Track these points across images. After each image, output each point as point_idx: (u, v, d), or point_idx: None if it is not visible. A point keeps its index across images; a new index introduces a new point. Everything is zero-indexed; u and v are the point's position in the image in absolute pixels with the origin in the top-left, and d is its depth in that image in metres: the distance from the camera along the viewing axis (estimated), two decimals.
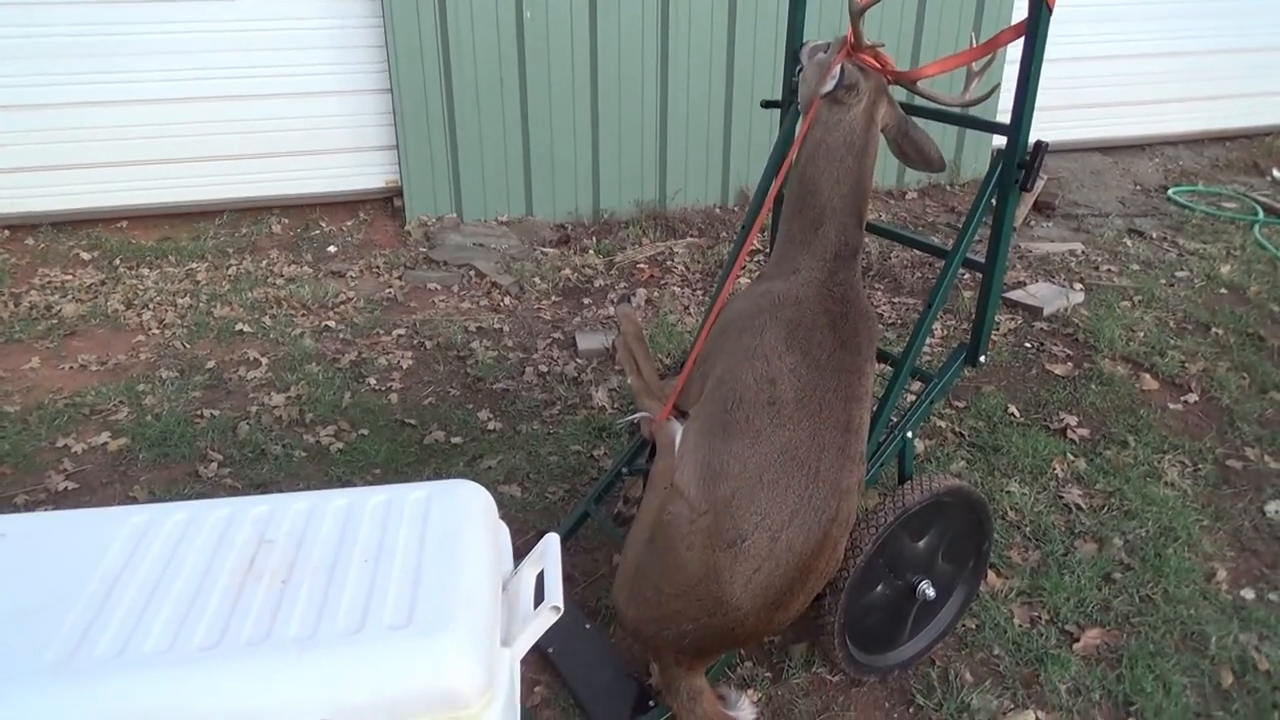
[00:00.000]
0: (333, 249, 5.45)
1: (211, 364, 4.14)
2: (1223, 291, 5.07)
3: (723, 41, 5.86)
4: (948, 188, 6.64)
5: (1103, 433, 3.77)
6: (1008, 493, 3.36)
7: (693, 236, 5.75)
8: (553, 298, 4.92)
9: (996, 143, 6.81)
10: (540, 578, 1.82)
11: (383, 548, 1.76)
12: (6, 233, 5.42)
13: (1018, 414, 3.88)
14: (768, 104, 2.90)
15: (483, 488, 1.98)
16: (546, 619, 1.73)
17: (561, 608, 1.71)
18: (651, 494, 2.27)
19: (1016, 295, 4.89)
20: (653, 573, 2.17)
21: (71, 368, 4.10)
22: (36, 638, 1.51)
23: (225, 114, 5.57)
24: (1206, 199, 6.55)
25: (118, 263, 5.12)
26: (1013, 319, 4.72)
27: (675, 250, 5.51)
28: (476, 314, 4.72)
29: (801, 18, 2.75)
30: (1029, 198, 6.14)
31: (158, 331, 4.42)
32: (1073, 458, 3.59)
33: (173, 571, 1.68)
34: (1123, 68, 7.21)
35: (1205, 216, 6.20)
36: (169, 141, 5.54)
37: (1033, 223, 6.12)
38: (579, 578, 2.91)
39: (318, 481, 3.37)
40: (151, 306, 4.65)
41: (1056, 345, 4.46)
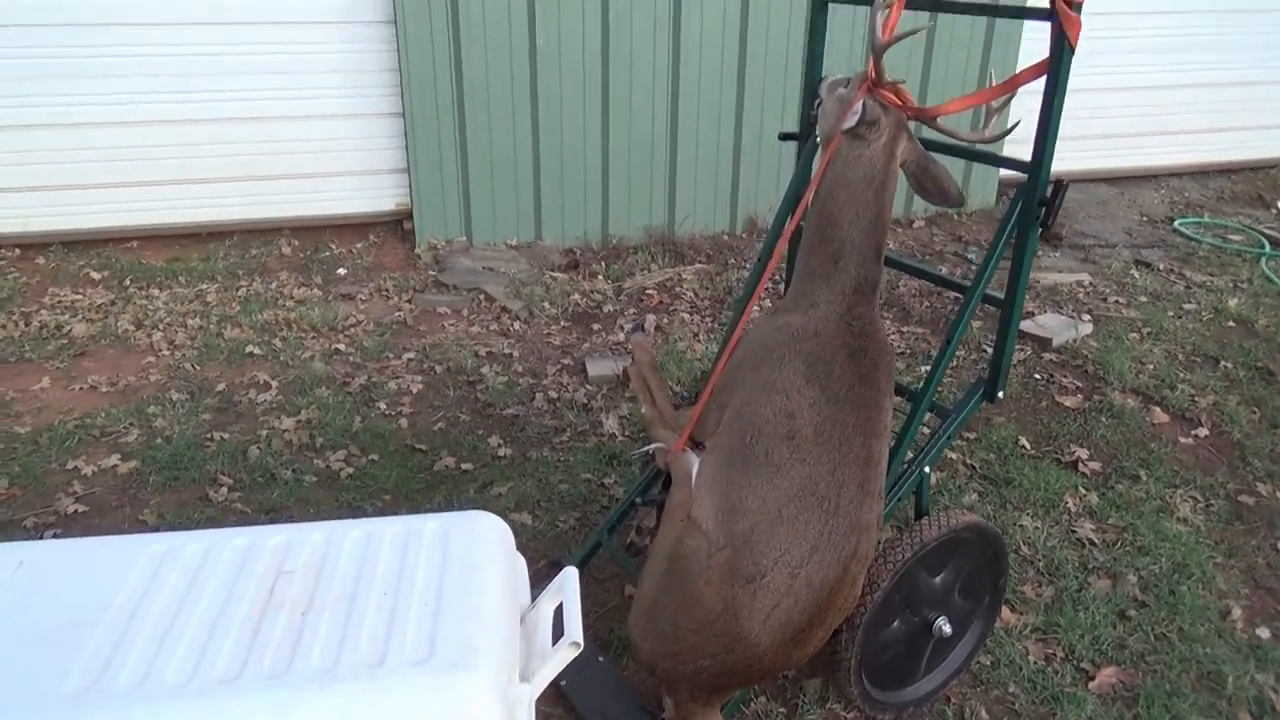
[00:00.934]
0: (342, 271, 5.46)
1: (222, 386, 4.14)
2: (1231, 325, 5.07)
3: (733, 70, 5.90)
4: (955, 217, 6.66)
5: (1114, 466, 3.76)
6: (1020, 526, 3.35)
7: (701, 263, 5.77)
8: (562, 323, 4.92)
9: (1004, 174, 6.85)
10: (558, 611, 1.80)
11: (402, 579, 1.75)
12: (17, 252, 5.43)
13: (1029, 446, 3.87)
14: (785, 136, 2.91)
15: (499, 519, 1.98)
16: (566, 655, 1.71)
17: (581, 644, 1.69)
18: (668, 526, 2.25)
19: (1025, 326, 4.90)
20: (669, 606, 2.15)
21: (82, 388, 4.10)
22: (57, 667, 1.50)
23: (236, 135, 5.61)
24: (1213, 231, 6.57)
25: (128, 283, 5.13)
26: (1022, 349, 4.72)
27: (684, 276, 5.52)
28: (486, 338, 4.72)
29: (820, 51, 2.77)
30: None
31: (168, 352, 4.43)
32: (1085, 491, 3.58)
33: (192, 601, 1.67)
34: (1129, 100, 7.26)
35: (1212, 249, 6.22)
36: (180, 162, 5.57)
37: (1040, 253, 6.14)
38: (591, 608, 2.89)
39: (328, 507, 3.36)
40: (161, 327, 4.66)
41: (1066, 377, 4.46)
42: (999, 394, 2.56)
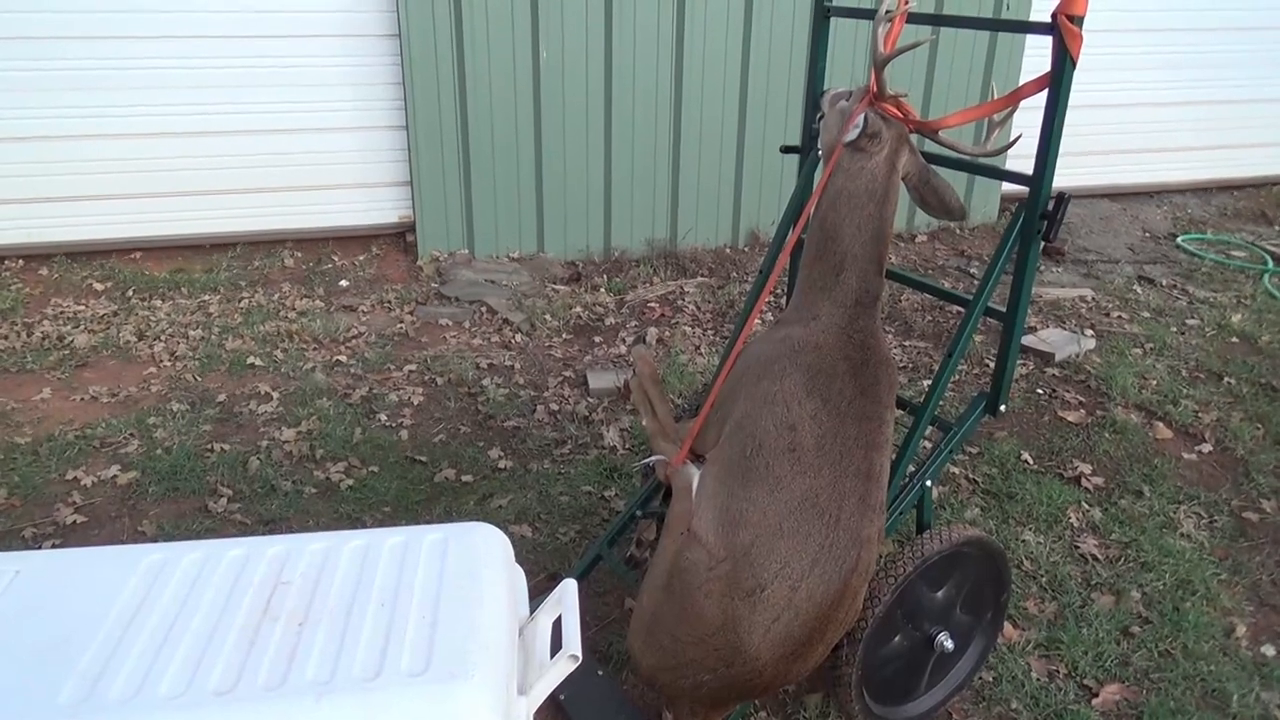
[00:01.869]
0: (344, 283, 5.46)
1: (222, 397, 4.14)
2: (1234, 341, 5.06)
3: (735, 84, 5.92)
4: (957, 231, 6.66)
5: (1117, 482, 3.75)
6: (1023, 542, 3.33)
7: (703, 276, 5.77)
8: (564, 335, 4.92)
9: (1006, 189, 6.86)
10: (557, 624, 1.79)
11: (400, 590, 1.74)
12: (21, 262, 5.44)
13: (1031, 461, 3.85)
14: (787, 149, 2.92)
15: (499, 530, 1.97)
16: (564, 668, 1.70)
17: (580, 656, 1.68)
18: (668, 539, 2.24)
19: (1028, 341, 4.89)
20: (669, 620, 2.14)
21: (82, 399, 4.10)
22: (51, 677, 1.49)
23: (240, 148, 5.62)
24: (1215, 247, 6.57)
25: (130, 294, 5.14)
26: (1025, 364, 4.71)
27: (686, 289, 5.52)
28: (487, 351, 4.72)
29: (822, 65, 2.77)
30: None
31: (169, 363, 4.43)
32: (1087, 507, 3.56)
33: (188, 612, 1.66)
34: (1132, 116, 7.28)
35: (1215, 265, 6.21)
36: (183, 174, 5.59)
37: (1043, 268, 6.14)
38: (591, 621, 2.88)
39: (328, 519, 3.35)
40: (163, 338, 4.66)
41: (1069, 392, 4.45)
42: (1001, 407, 2.55)
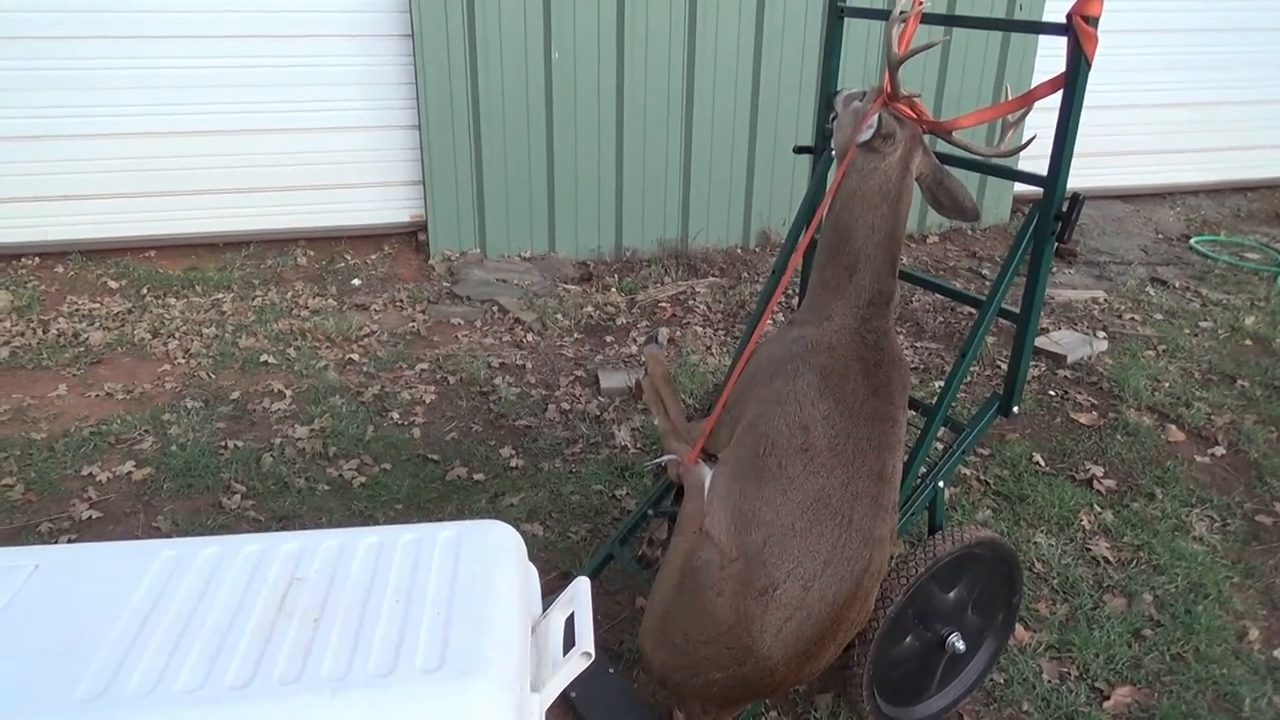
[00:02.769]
0: (357, 282, 5.49)
1: (236, 395, 4.16)
2: (1247, 343, 5.04)
3: (748, 83, 5.92)
4: (969, 232, 6.64)
5: (1129, 484, 3.74)
6: (1034, 544, 3.33)
7: (714, 276, 5.77)
8: (575, 335, 4.93)
9: (1019, 189, 6.84)
10: (570, 621, 1.80)
11: (414, 588, 1.75)
12: (36, 260, 5.48)
13: (1043, 463, 3.84)
14: (800, 149, 2.92)
15: (512, 528, 1.97)
16: (577, 665, 1.71)
17: (592, 654, 1.69)
18: (680, 538, 2.25)
19: (1040, 342, 4.87)
20: (681, 619, 2.15)
21: (98, 396, 4.12)
22: (68, 672, 1.50)
23: (254, 147, 5.65)
24: (1229, 249, 6.54)
25: (145, 292, 5.17)
26: (1037, 366, 4.69)
27: (697, 290, 5.52)
28: (499, 350, 4.73)
29: (836, 65, 2.77)
30: None
31: (183, 361, 4.45)
32: (1100, 509, 3.55)
33: (204, 607, 1.67)
34: (1145, 117, 7.24)
35: (1228, 266, 6.18)
36: (197, 173, 5.62)
37: (1055, 269, 6.12)
38: (602, 620, 2.88)
39: (340, 516, 3.37)
40: (177, 336, 4.69)
41: (1081, 394, 4.43)
42: (1014, 409, 2.55)
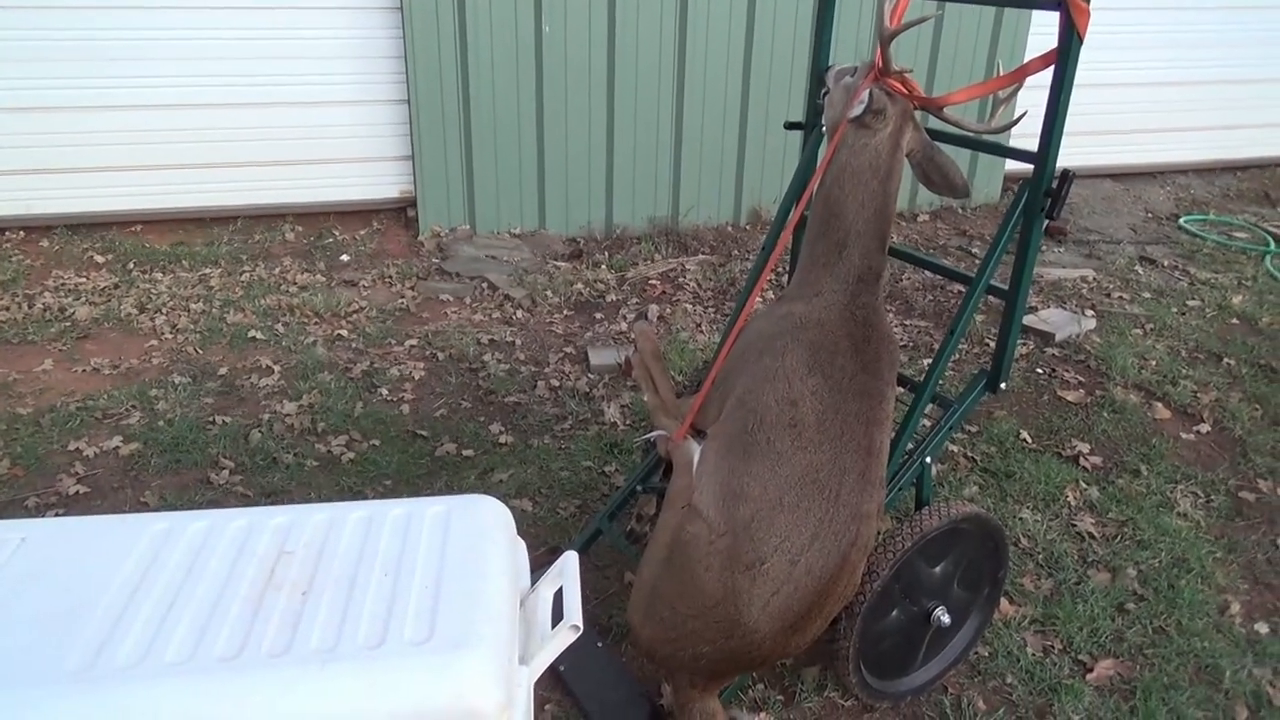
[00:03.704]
0: (345, 258, 5.46)
1: (224, 370, 4.14)
2: (1234, 322, 5.06)
3: (739, 59, 5.89)
4: (959, 210, 6.65)
5: (1115, 461, 3.76)
6: (1020, 519, 3.35)
7: (705, 254, 5.76)
8: (565, 312, 4.92)
9: (1010, 167, 6.84)
10: (558, 595, 1.81)
11: (403, 561, 1.75)
12: (21, 234, 5.43)
13: (1030, 440, 3.87)
14: (791, 125, 2.91)
15: (501, 504, 1.98)
16: (565, 638, 1.72)
17: (581, 627, 1.70)
18: (669, 513, 2.26)
19: (1029, 320, 4.89)
20: (669, 593, 2.16)
21: (84, 371, 4.10)
22: (58, 644, 1.50)
23: (241, 121, 5.60)
24: (1218, 228, 6.56)
25: (131, 266, 5.13)
26: (1025, 344, 4.71)
27: (687, 267, 5.52)
28: (488, 326, 4.72)
29: (828, 40, 2.76)
30: None
31: (170, 336, 4.43)
32: (1085, 486, 3.58)
33: (193, 580, 1.67)
34: (1136, 95, 7.24)
35: (1216, 246, 6.21)
36: (184, 146, 5.57)
37: (1044, 248, 6.13)
38: (591, 595, 2.89)
39: (329, 491, 3.37)
40: (164, 311, 4.66)
41: (1068, 371, 4.46)
42: (1002, 385, 2.56)
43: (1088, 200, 6.96)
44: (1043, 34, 6.33)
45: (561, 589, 1.79)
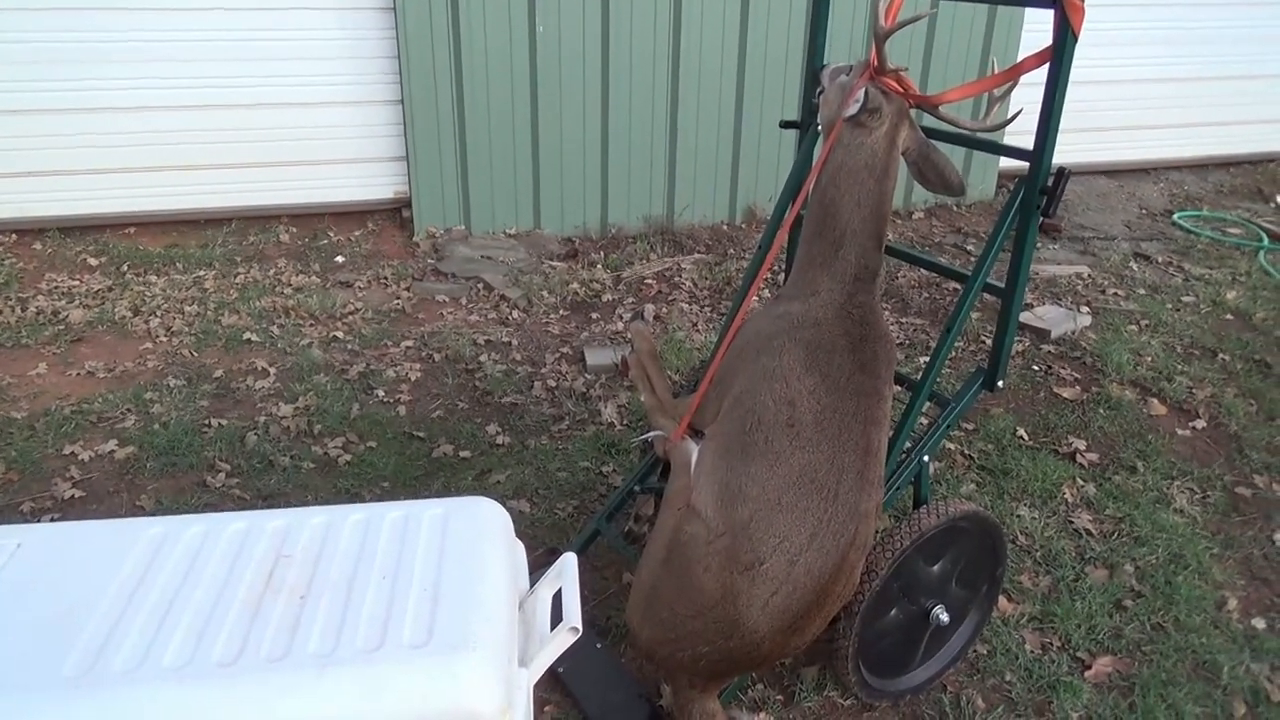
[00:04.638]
0: (340, 259, 5.44)
1: (219, 373, 4.13)
2: (1229, 317, 5.08)
3: (734, 58, 5.89)
4: (954, 208, 6.65)
5: (1111, 457, 3.77)
6: (1018, 517, 3.36)
7: (700, 253, 5.76)
8: (561, 312, 4.92)
9: (1004, 165, 6.84)
10: (557, 597, 1.81)
11: (401, 564, 1.75)
12: (14, 237, 5.41)
13: (1026, 437, 3.87)
14: (786, 124, 2.90)
15: (499, 505, 1.98)
16: (564, 640, 1.72)
17: (580, 629, 1.70)
18: (667, 514, 2.25)
19: (1024, 318, 4.89)
20: (668, 593, 2.16)
21: (78, 374, 4.09)
22: (55, 649, 1.50)
23: (234, 122, 5.58)
24: (1211, 224, 6.57)
25: (125, 269, 5.11)
26: (1021, 341, 4.72)
27: (683, 266, 5.51)
28: (485, 327, 4.71)
29: (823, 40, 2.75)
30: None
31: (165, 339, 4.41)
32: (1082, 482, 3.58)
33: (190, 584, 1.67)
34: (1129, 92, 7.25)
35: (1210, 242, 6.22)
36: (178, 148, 5.55)
37: (1039, 245, 6.13)
38: (589, 596, 2.89)
39: (326, 493, 3.36)
40: (159, 314, 4.64)
41: (1064, 368, 4.46)
42: (999, 383, 2.56)
43: (1082, 197, 6.97)
44: (1036, 31, 6.34)
45: (560, 590, 1.79)
